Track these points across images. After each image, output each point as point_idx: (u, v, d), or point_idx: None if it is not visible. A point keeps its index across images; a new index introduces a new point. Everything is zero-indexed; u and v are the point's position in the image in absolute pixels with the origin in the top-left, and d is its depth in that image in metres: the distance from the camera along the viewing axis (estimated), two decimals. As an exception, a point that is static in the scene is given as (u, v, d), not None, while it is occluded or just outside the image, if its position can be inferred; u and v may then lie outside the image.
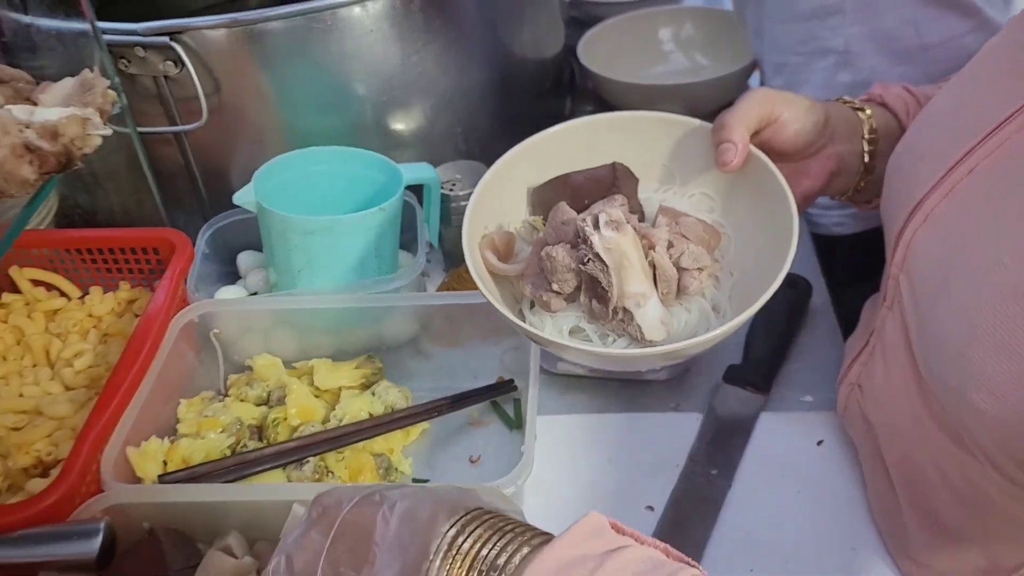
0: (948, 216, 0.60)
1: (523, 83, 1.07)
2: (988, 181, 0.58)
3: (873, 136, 0.74)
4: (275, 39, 0.85)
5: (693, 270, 0.66)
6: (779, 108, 0.70)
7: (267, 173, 0.85)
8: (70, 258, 0.88)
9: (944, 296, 0.57)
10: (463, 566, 0.43)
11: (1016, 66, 0.60)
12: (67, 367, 0.80)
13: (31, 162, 0.64)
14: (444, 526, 0.45)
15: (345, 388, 0.82)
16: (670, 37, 1.25)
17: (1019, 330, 0.50)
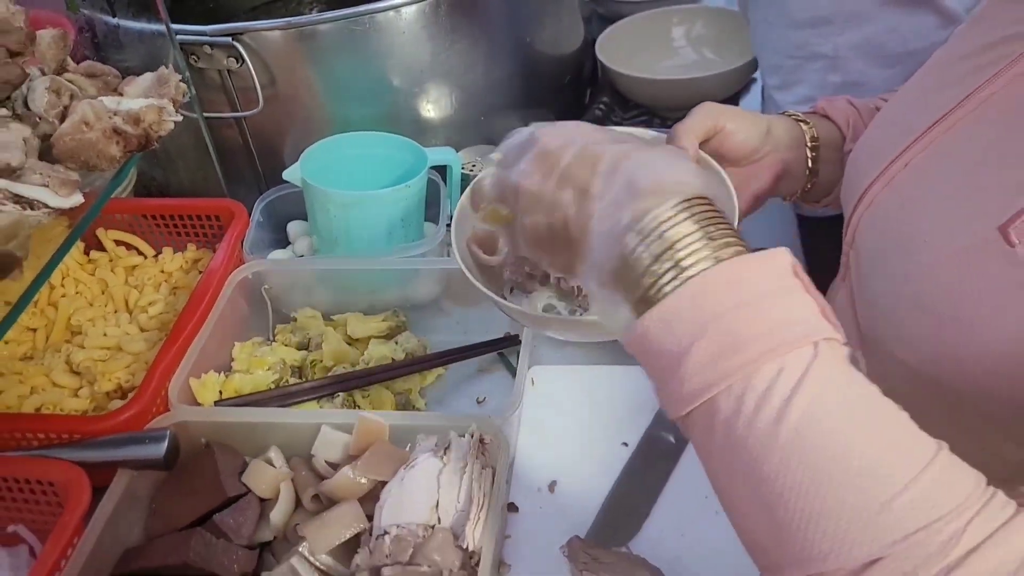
0: (887, 201, 0.70)
1: (544, 76, 1.19)
2: (918, 173, 0.68)
3: (815, 144, 0.83)
4: (322, 39, 0.99)
5: None
6: (723, 120, 0.78)
7: (312, 154, 0.99)
8: (147, 223, 1.04)
9: (880, 266, 0.68)
10: (655, 248, 0.47)
11: (951, 76, 0.68)
12: (142, 313, 0.95)
13: (117, 143, 0.79)
14: (663, 205, 0.48)
15: (373, 337, 0.96)
16: (683, 34, 1.36)
17: (933, 291, 0.59)
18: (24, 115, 0.81)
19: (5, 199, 0.71)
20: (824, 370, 0.44)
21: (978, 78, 0.63)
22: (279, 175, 1.01)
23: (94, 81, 0.86)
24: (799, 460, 0.43)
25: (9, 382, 0.86)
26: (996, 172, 0.59)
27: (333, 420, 0.80)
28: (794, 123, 0.84)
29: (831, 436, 0.43)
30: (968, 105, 0.63)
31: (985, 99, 0.62)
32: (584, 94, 1.32)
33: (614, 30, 1.34)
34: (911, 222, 0.66)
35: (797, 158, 0.83)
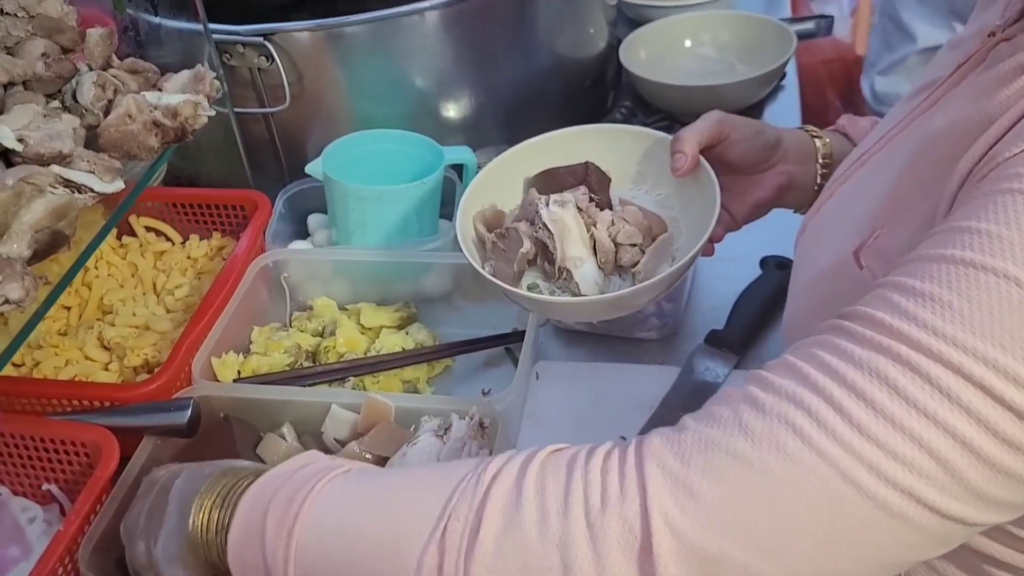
0: (806, 231, 0.83)
1: (565, 79, 1.33)
2: (828, 206, 0.79)
3: (827, 161, 0.94)
4: (348, 40, 1.15)
5: (627, 245, 0.89)
6: (727, 129, 0.90)
7: (335, 149, 1.15)
8: (176, 211, 1.20)
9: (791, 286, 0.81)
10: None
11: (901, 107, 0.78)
12: (169, 295, 1.11)
13: (156, 134, 0.95)
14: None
15: (385, 327, 1.12)
16: (708, 40, 1.50)
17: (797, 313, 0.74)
18: (72, 107, 0.98)
19: (57, 183, 0.88)
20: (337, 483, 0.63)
21: (903, 115, 0.73)
22: (302, 169, 1.16)
23: (136, 77, 1.03)
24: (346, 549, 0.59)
25: (47, 354, 1.03)
26: (862, 203, 0.70)
27: (343, 400, 0.95)
28: (808, 138, 0.95)
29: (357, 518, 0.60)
30: (883, 142, 0.75)
31: (891, 139, 0.73)
32: (607, 97, 1.46)
33: (638, 34, 1.48)
34: (803, 250, 0.81)
35: (805, 172, 0.94)
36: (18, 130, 0.88)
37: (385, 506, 0.60)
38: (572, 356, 1.12)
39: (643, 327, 1.11)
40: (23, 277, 0.79)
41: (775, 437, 0.50)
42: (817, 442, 0.49)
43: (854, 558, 0.50)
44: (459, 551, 0.54)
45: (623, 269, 0.90)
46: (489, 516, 0.55)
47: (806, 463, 0.49)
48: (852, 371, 0.50)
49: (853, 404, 0.49)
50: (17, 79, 0.93)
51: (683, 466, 0.52)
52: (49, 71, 0.95)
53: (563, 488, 0.55)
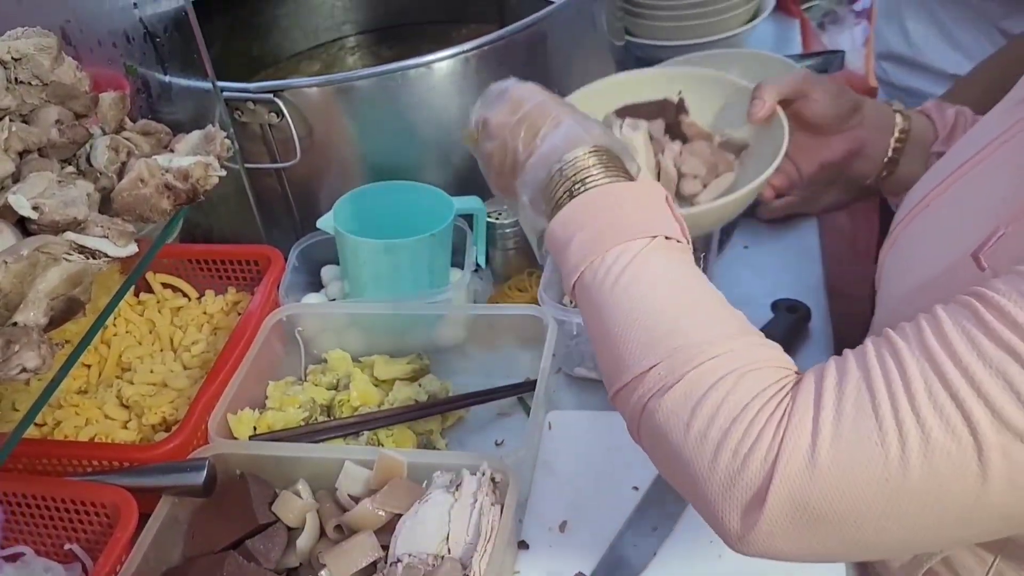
0: (900, 242, 0.83)
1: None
2: (927, 216, 0.81)
3: (902, 137, 0.98)
4: (357, 93, 1.17)
5: (689, 176, 0.98)
6: (808, 87, 0.95)
7: (345, 203, 1.17)
8: (191, 266, 1.22)
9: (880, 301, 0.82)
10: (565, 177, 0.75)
11: (996, 117, 0.81)
12: (186, 352, 1.13)
13: (168, 197, 0.97)
14: (577, 150, 0.76)
15: (398, 379, 1.13)
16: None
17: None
18: (87, 170, 1.01)
19: (72, 250, 0.90)
20: (650, 254, 0.69)
21: (1012, 122, 0.75)
22: (315, 221, 1.19)
23: (148, 138, 1.05)
24: (620, 307, 0.67)
25: (67, 413, 1.05)
26: (975, 206, 0.72)
27: (356, 456, 0.97)
28: (890, 111, 0.99)
29: (638, 293, 0.67)
30: (989, 150, 0.76)
31: (999, 146, 0.75)
32: (617, 139, 1.48)
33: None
34: (895, 266, 0.82)
35: (878, 142, 0.98)
36: (33, 198, 0.90)
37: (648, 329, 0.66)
38: (585, 404, 1.13)
39: (656, 374, 1.11)
40: (39, 345, 0.81)
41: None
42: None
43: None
44: (661, 390, 0.63)
45: (684, 199, 0.98)
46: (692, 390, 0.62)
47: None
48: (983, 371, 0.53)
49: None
50: (32, 147, 0.96)
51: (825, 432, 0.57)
52: (63, 137, 0.97)
53: (734, 412, 0.60)
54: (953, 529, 0.57)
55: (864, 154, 0.98)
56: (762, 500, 0.57)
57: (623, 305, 0.67)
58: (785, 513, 0.57)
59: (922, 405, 0.54)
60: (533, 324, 1.10)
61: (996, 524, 0.58)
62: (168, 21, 1.06)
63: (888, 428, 0.55)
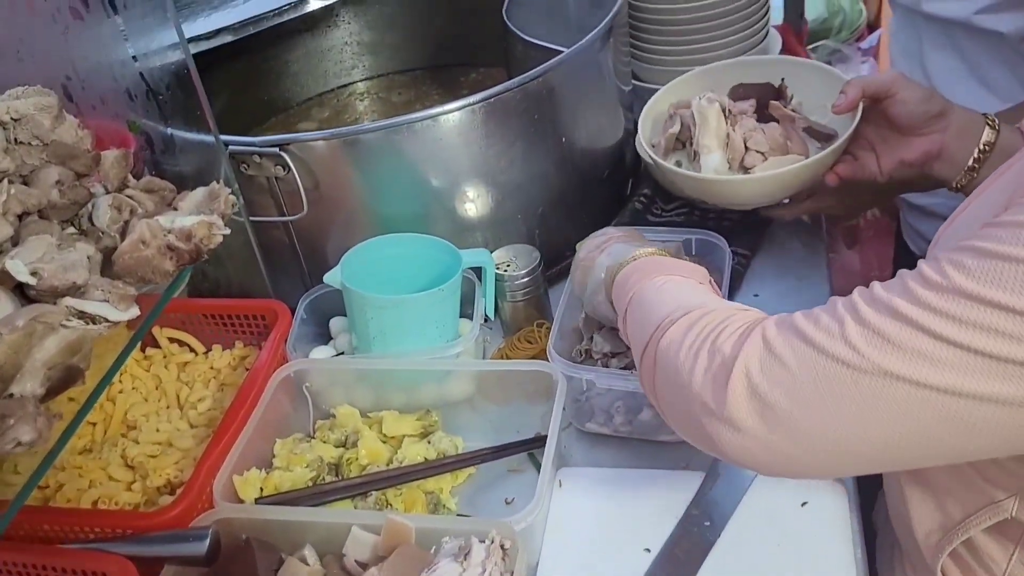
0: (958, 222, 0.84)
1: (582, 171, 1.30)
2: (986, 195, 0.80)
3: (987, 147, 0.99)
4: (363, 146, 1.13)
5: (754, 151, 1.08)
6: (896, 87, 0.98)
7: (352, 256, 1.12)
8: (198, 320, 1.18)
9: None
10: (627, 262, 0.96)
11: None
12: (192, 409, 1.09)
13: (171, 258, 0.93)
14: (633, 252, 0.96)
15: (407, 436, 1.08)
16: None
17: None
18: (89, 230, 0.96)
19: (71, 315, 0.86)
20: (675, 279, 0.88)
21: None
22: (324, 271, 1.15)
23: (152, 196, 1.01)
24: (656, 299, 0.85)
25: (70, 475, 1.00)
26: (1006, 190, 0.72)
27: (363, 521, 0.92)
28: (980, 121, 0.99)
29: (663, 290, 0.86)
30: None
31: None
32: (626, 185, 1.43)
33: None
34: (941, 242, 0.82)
35: (961, 149, 0.99)
36: (32, 263, 0.86)
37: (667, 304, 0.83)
38: (595, 460, 1.08)
39: (666, 430, 1.06)
40: (35, 418, 0.77)
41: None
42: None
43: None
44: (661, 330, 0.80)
45: (745, 170, 1.09)
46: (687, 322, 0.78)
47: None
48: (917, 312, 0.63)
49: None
50: (32, 209, 0.92)
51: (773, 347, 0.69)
52: (64, 198, 0.94)
53: (712, 329, 0.75)
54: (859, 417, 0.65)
55: (944, 158, 1.00)
56: (725, 383, 0.70)
57: (650, 300, 0.86)
58: (744, 399, 0.69)
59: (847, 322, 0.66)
60: (543, 379, 1.05)
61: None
62: (170, 77, 1.02)
63: (819, 334, 0.67)
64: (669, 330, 0.78)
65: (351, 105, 1.68)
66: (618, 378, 1.04)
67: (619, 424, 1.08)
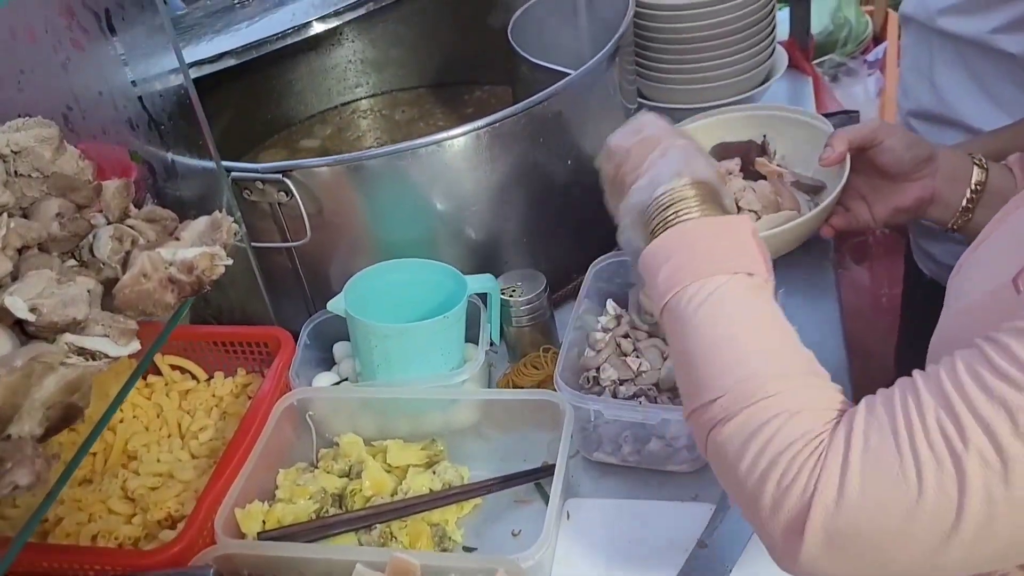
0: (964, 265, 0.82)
1: (588, 191, 1.26)
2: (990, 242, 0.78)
3: (978, 188, 0.96)
4: (366, 172, 1.10)
5: (746, 211, 1.05)
6: (882, 136, 0.95)
7: (356, 283, 1.10)
8: (200, 346, 1.16)
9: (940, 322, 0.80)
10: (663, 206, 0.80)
11: None
12: (193, 439, 1.06)
13: (172, 290, 0.90)
14: (677, 181, 0.80)
15: (412, 466, 1.06)
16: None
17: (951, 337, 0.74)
18: (90, 261, 0.94)
19: (71, 352, 0.84)
20: (729, 289, 0.73)
21: None
22: (327, 296, 1.12)
23: (154, 226, 0.99)
24: (699, 336, 0.72)
25: (69, 509, 0.98)
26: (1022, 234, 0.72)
27: (368, 558, 0.89)
28: (968, 162, 0.97)
29: (717, 326, 0.71)
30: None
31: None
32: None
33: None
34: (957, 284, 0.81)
35: (953, 192, 0.96)
36: (31, 299, 0.84)
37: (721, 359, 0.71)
38: (603, 490, 1.06)
39: (675, 460, 1.04)
40: (33, 460, 0.75)
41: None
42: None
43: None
44: (723, 420, 0.68)
45: None
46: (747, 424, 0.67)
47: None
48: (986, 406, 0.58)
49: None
50: (32, 243, 0.89)
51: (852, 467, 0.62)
52: (64, 231, 0.91)
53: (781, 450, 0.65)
54: (971, 549, 0.60)
55: (937, 201, 0.98)
56: (801, 528, 0.62)
57: (702, 334, 0.72)
58: (821, 540, 0.62)
59: (935, 438, 0.59)
60: (550, 408, 1.03)
61: (1008, 549, 0.61)
62: (172, 105, 1.00)
63: (907, 460, 0.59)
64: (726, 426, 0.68)
65: (354, 123, 1.65)
66: (627, 409, 1.01)
67: (627, 453, 1.06)
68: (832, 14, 1.90)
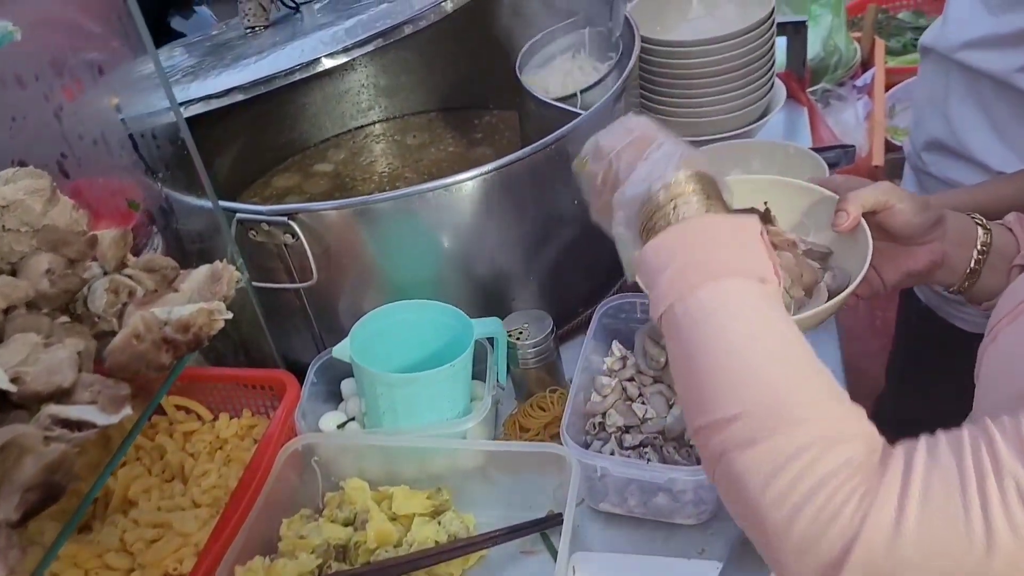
0: (1006, 337, 0.70)
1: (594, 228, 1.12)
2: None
3: (984, 249, 0.85)
4: (373, 215, 0.96)
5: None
6: (893, 199, 0.84)
7: (362, 327, 0.95)
8: (205, 386, 1.01)
9: (983, 397, 0.69)
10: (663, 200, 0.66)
11: None
12: (196, 486, 0.92)
13: (167, 350, 0.76)
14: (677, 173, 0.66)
15: (418, 515, 0.92)
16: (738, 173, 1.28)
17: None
18: (83, 315, 0.80)
19: (54, 424, 0.69)
20: (742, 297, 0.60)
21: None
22: (336, 331, 0.98)
23: (152, 275, 0.83)
24: (708, 347, 0.59)
25: (64, 565, 0.84)
26: None
27: (368, 628, 0.76)
28: (972, 224, 0.86)
29: (730, 337, 0.59)
30: None
31: None
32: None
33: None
34: (998, 365, 0.68)
35: (961, 255, 0.85)
36: (14, 367, 0.69)
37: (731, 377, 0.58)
38: (609, 540, 0.92)
39: (681, 513, 0.90)
40: (6, 552, 0.61)
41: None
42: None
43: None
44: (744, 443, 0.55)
45: None
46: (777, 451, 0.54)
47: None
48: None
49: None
50: (18, 302, 0.74)
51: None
52: (54, 288, 0.76)
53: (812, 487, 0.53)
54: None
55: (946, 265, 0.86)
56: (838, 568, 0.51)
57: (711, 346, 0.59)
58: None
59: (1012, 500, 0.49)
60: (556, 459, 0.89)
61: None
62: (169, 152, 0.85)
63: (975, 517, 0.50)
64: (747, 453, 0.55)
65: (367, 147, 1.49)
66: (632, 467, 0.87)
67: (633, 506, 0.92)
68: (823, 41, 1.73)
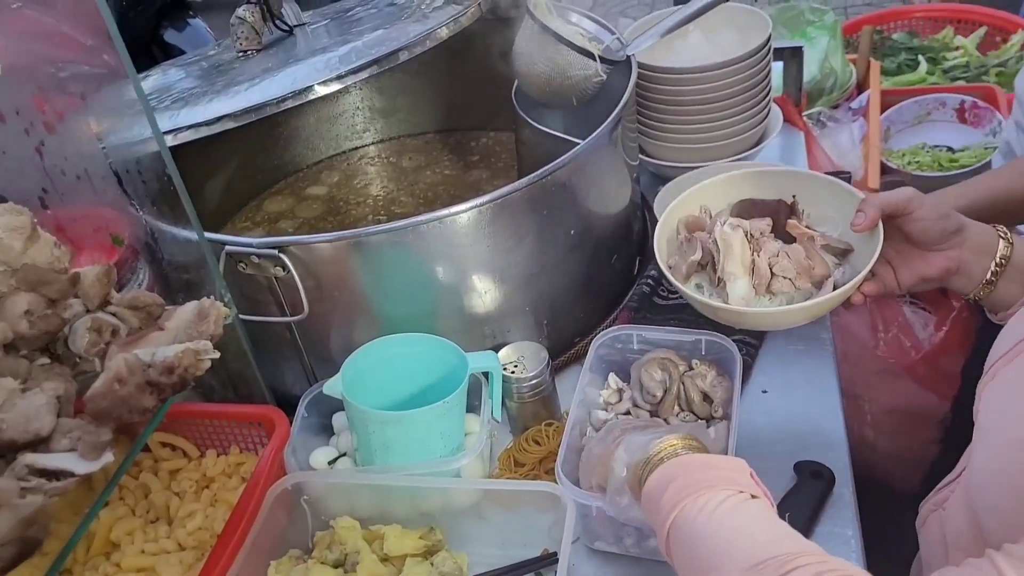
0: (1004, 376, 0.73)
1: (590, 258, 1.08)
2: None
3: (1003, 262, 0.86)
4: (365, 247, 0.92)
5: (781, 277, 0.89)
6: (914, 205, 0.85)
7: (353, 362, 0.92)
8: (192, 422, 0.97)
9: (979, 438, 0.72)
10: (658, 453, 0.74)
11: None
12: (181, 527, 0.88)
13: (151, 393, 0.72)
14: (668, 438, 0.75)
15: (410, 555, 0.88)
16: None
17: (985, 478, 0.68)
18: (64, 355, 0.76)
19: (30, 474, 0.65)
20: (740, 502, 0.67)
21: None
22: (328, 364, 0.94)
23: (137, 313, 0.80)
24: (715, 536, 0.65)
25: (44, 613, 0.80)
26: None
27: None
28: (994, 235, 0.87)
29: (735, 526, 0.65)
30: None
31: None
32: (633, 264, 1.21)
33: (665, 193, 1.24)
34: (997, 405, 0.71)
35: (979, 264, 0.86)
36: (-11, 415, 0.66)
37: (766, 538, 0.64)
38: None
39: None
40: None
41: None
42: None
43: None
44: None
45: (775, 295, 0.91)
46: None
47: None
48: None
49: None
50: (-5, 346, 0.71)
51: None
52: (33, 329, 0.72)
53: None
54: None
55: (963, 272, 0.88)
56: None
57: (718, 534, 0.65)
58: None
59: None
60: (551, 499, 0.85)
61: None
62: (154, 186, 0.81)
63: None
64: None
65: (362, 169, 1.45)
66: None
67: (629, 545, 0.88)
68: (820, 63, 1.71)
